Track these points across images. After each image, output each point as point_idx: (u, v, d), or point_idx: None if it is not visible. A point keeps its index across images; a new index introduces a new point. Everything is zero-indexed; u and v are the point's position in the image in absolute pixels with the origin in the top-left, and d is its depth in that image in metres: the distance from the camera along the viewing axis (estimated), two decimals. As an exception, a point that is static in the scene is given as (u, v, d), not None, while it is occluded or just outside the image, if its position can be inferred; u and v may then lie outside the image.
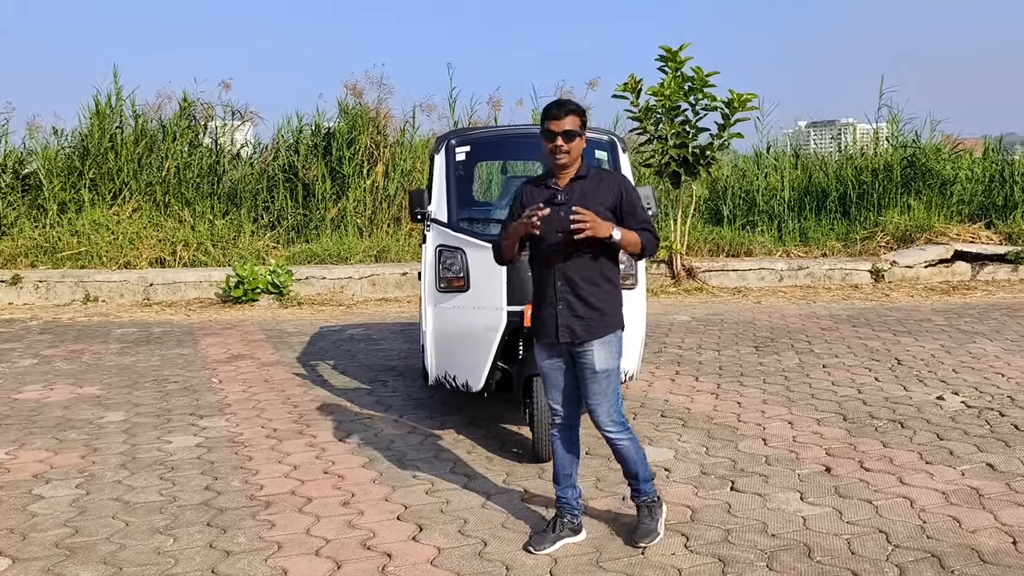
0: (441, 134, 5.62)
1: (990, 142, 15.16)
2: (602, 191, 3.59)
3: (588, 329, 3.54)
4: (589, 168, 3.67)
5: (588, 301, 3.54)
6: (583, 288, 3.54)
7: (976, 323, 8.74)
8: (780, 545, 3.63)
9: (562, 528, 3.67)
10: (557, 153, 3.55)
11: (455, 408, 5.77)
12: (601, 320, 3.55)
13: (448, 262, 4.97)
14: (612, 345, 3.58)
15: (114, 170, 12.43)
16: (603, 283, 3.58)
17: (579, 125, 3.56)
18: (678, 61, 10.66)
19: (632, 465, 3.69)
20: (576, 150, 3.57)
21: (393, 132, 13.76)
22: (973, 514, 3.92)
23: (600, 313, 3.55)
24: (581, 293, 3.54)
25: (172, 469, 4.66)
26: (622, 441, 3.65)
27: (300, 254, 11.98)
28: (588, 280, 3.55)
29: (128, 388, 6.49)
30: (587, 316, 3.54)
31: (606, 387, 3.58)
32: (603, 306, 3.56)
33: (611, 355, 3.57)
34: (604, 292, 3.58)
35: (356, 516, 3.99)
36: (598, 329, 3.55)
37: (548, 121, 3.55)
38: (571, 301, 3.54)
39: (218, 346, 8.07)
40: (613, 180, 3.66)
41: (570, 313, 3.54)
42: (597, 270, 3.56)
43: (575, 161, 3.61)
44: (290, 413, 5.75)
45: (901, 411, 5.63)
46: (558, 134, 3.52)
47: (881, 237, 12.51)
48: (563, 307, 3.55)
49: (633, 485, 3.75)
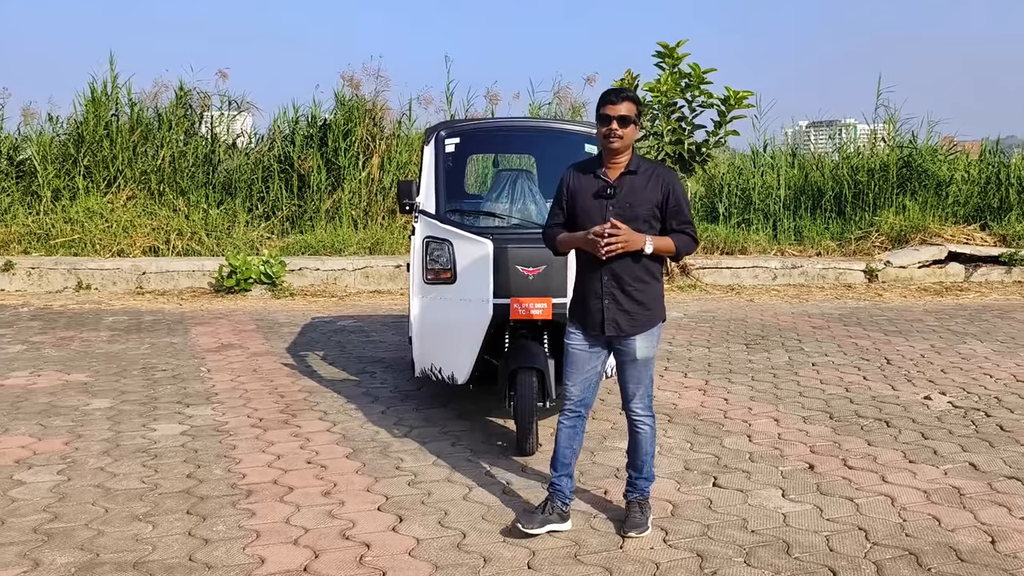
0: (431, 126, 5.60)
1: (987, 144, 15.15)
2: (650, 189, 3.63)
3: (633, 323, 3.64)
4: (640, 161, 3.70)
5: (634, 296, 3.62)
6: (629, 284, 3.62)
7: (967, 324, 8.75)
8: (759, 541, 3.63)
9: (551, 512, 3.71)
10: (611, 137, 3.59)
11: (442, 401, 5.77)
12: (645, 314, 3.65)
13: (435, 254, 4.96)
14: (653, 336, 3.69)
15: (109, 158, 12.39)
16: (648, 278, 3.66)
17: (635, 113, 3.62)
18: (675, 57, 10.64)
19: (642, 455, 3.78)
20: (629, 137, 3.62)
21: (390, 124, 13.72)
22: (953, 513, 3.92)
23: (644, 308, 3.64)
24: (627, 289, 3.62)
25: (155, 457, 4.65)
26: (645, 426, 3.75)
27: (294, 245, 11.97)
28: (634, 276, 3.62)
29: (116, 376, 6.48)
30: (632, 311, 3.63)
31: (644, 373, 3.71)
32: (647, 300, 3.65)
33: (651, 345, 3.69)
34: (648, 287, 3.66)
35: (337, 506, 3.98)
36: (643, 323, 3.65)
37: (604, 106, 3.61)
38: (617, 296, 3.62)
39: (208, 335, 8.06)
40: (662, 178, 3.67)
41: (616, 308, 3.63)
42: (642, 266, 3.63)
43: (627, 148, 3.65)
44: (276, 403, 5.75)
45: (888, 410, 5.63)
46: (614, 118, 3.57)
47: (876, 237, 12.50)
48: (609, 302, 3.63)
49: (632, 478, 3.82)
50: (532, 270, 4.74)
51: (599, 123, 3.64)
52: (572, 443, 3.79)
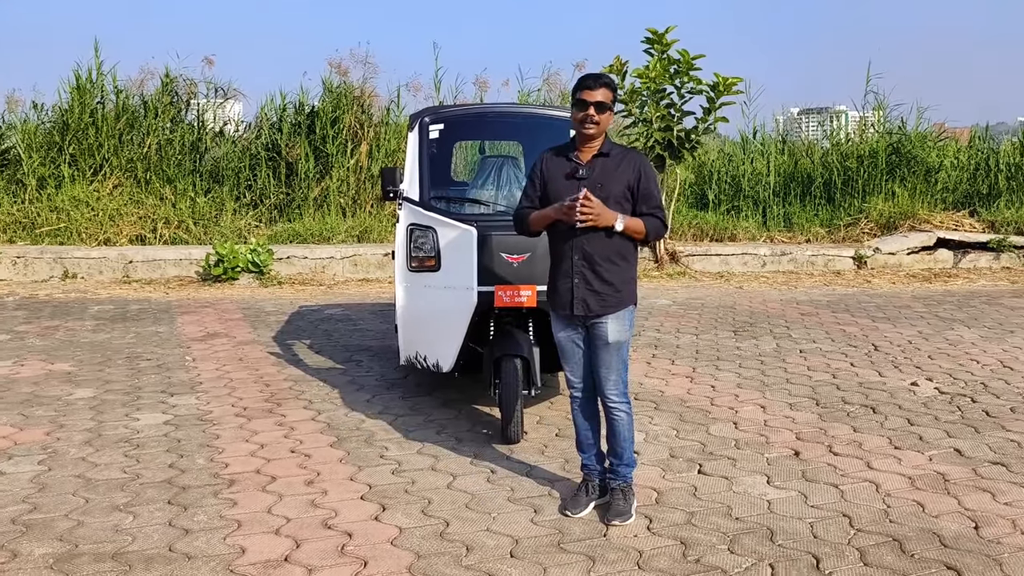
0: (415, 112, 5.55)
1: (976, 131, 15.16)
2: (622, 171, 3.65)
3: (603, 304, 3.64)
4: (612, 145, 3.73)
5: (604, 277, 3.63)
6: (600, 264, 3.62)
7: (955, 310, 8.76)
8: (743, 528, 3.63)
9: (592, 491, 3.81)
10: (587, 123, 3.61)
11: (427, 389, 5.74)
12: (615, 295, 3.65)
13: (419, 241, 4.92)
14: (624, 319, 3.68)
15: (95, 146, 12.28)
16: (619, 260, 3.66)
17: (611, 99, 3.64)
18: (664, 44, 10.58)
19: (621, 442, 3.77)
20: (605, 123, 3.65)
21: (378, 112, 13.63)
22: (937, 499, 3.92)
23: (614, 288, 3.64)
24: (597, 269, 3.62)
25: (137, 447, 4.61)
26: (620, 412, 3.74)
27: (282, 233, 11.90)
28: (604, 256, 3.63)
29: (100, 365, 6.43)
30: (602, 291, 3.63)
31: (615, 358, 3.69)
32: (617, 282, 3.65)
33: (623, 328, 3.68)
34: (619, 269, 3.66)
35: (319, 495, 3.96)
36: (612, 304, 3.65)
37: (581, 91, 3.62)
38: (587, 276, 3.63)
39: (195, 324, 8.01)
40: (634, 161, 3.69)
41: (586, 287, 3.64)
42: (613, 247, 3.63)
43: (602, 133, 3.68)
44: (261, 392, 5.71)
45: (874, 396, 5.63)
46: (591, 104, 3.59)
47: (865, 224, 12.51)
48: (579, 280, 3.64)
49: (613, 465, 3.81)
50: (517, 257, 4.71)
51: (575, 108, 3.66)
52: (590, 423, 3.85)
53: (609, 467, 3.85)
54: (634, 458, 3.87)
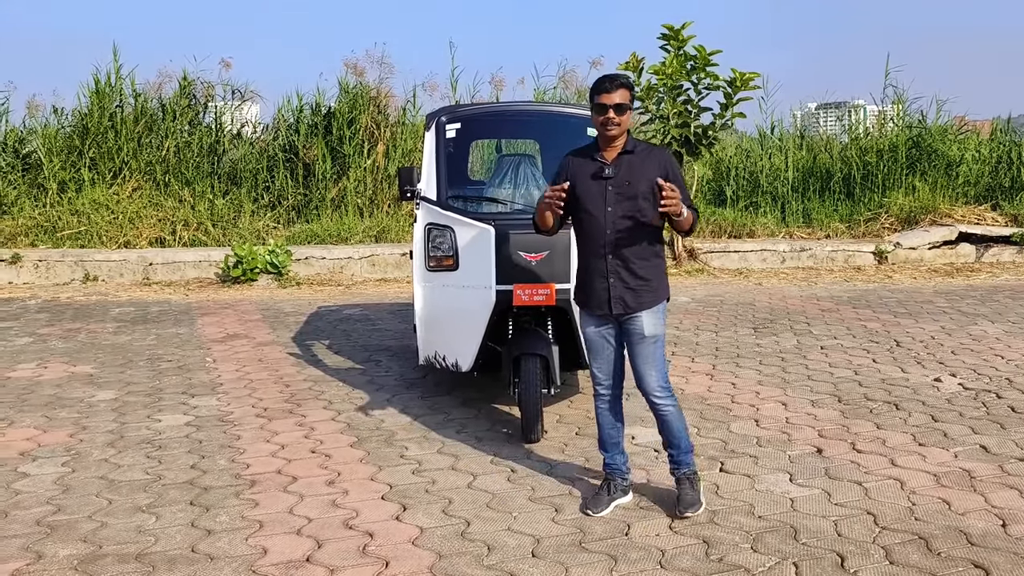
0: (432, 111, 5.54)
1: (998, 123, 14.98)
2: (648, 168, 3.66)
3: (638, 300, 3.67)
4: (636, 143, 3.75)
5: (638, 273, 3.66)
6: (633, 261, 3.66)
7: (978, 305, 8.66)
8: (766, 527, 3.59)
9: (614, 491, 3.81)
10: (608, 125, 3.64)
11: (447, 388, 5.74)
12: (650, 290, 3.68)
13: (437, 240, 4.91)
14: (659, 313, 3.71)
15: (114, 149, 12.38)
16: (650, 256, 3.70)
17: (629, 98, 3.66)
18: (680, 40, 10.53)
19: (675, 434, 3.78)
20: (625, 123, 3.67)
21: (394, 112, 13.67)
22: (964, 496, 3.87)
23: (649, 284, 3.68)
24: (632, 266, 3.66)
25: (159, 448, 4.64)
26: (667, 407, 3.74)
27: (300, 234, 11.95)
28: (637, 254, 3.67)
29: (121, 367, 6.48)
30: (638, 288, 3.67)
31: (654, 352, 3.71)
32: (651, 276, 3.69)
33: (658, 322, 3.70)
34: (651, 264, 3.70)
35: (341, 495, 3.96)
36: (648, 299, 3.68)
37: (599, 95, 3.65)
38: (622, 274, 3.67)
39: (214, 326, 8.05)
40: (659, 158, 3.71)
41: (622, 285, 3.67)
42: (644, 243, 3.67)
43: (623, 133, 3.70)
44: (281, 392, 5.73)
45: (897, 393, 5.57)
46: (610, 107, 3.61)
47: (885, 219, 12.41)
48: (615, 280, 3.67)
49: (673, 456, 3.82)
50: (535, 256, 4.69)
51: (595, 111, 3.67)
52: (615, 422, 3.87)
53: (669, 458, 3.84)
54: (691, 443, 3.84)
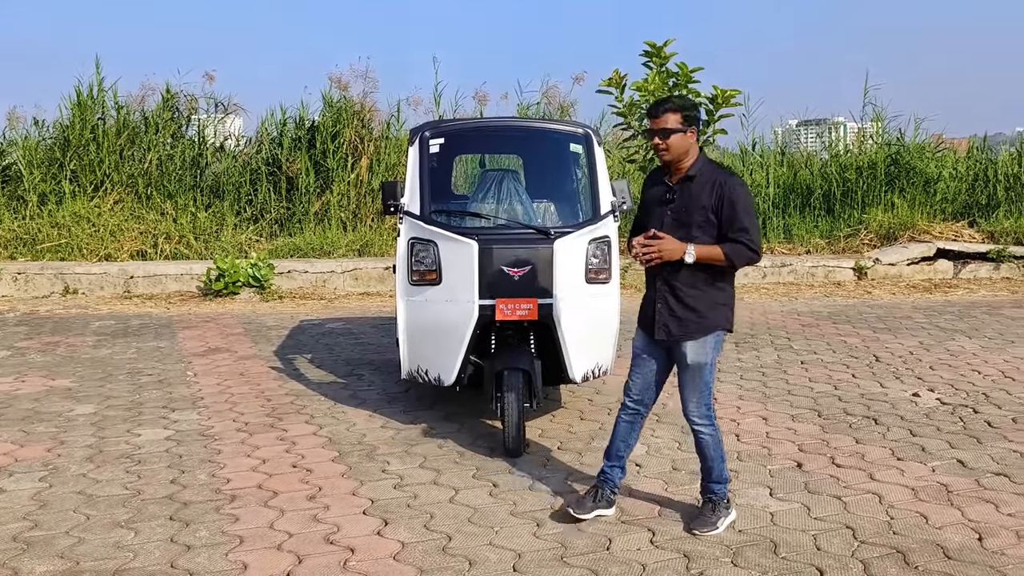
0: (416, 126, 5.57)
1: (975, 141, 15.20)
2: (704, 195, 3.61)
3: (683, 329, 3.65)
4: (704, 167, 3.67)
5: (685, 302, 3.64)
6: (681, 290, 3.64)
7: (956, 321, 8.76)
8: (746, 541, 3.62)
9: (600, 499, 3.84)
10: (658, 150, 3.66)
11: (429, 403, 5.74)
12: (697, 321, 3.64)
13: (420, 255, 4.93)
14: (707, 343, 3.66)
15: (95, 162, 12.31)
16: (704, 286, 3.64)
17: (679, 121, 3.61)
18: (663, 57, 10.60)
19: (708, 460, 3.78)
20: (676, 146, 3.62)
21: (378, 126, 13.66)
22: (941, 510, 3.91)
23: (697, 314, 3.64)
24: (679, 294, 3.64)
25: (139, 462, 4.61)
26: (704, 434, 3.75)
27: (283, 248, 11.91)
28: (688, 282, 3.63)
29: (101, 381, 6.43)
30: (684, 317, 3.65)
31: (697, 379, 3.69)
32: (700, 307, 3.64)
33: (704, 352, 3.66)
34: (703, 294, 3.64)
35: (322, 510, 3.95)
36: (693, 330, 3.65)
37: (649, 120, 3.70)
38: (669, 301, 3.66)
39: (196, 339, 8.01)
40: (717, 184, 3.61)
41: (668, 312, 3.67)
42: (696, 273, 3.61)
43: (679, 157, 3.65)
44: (263, 407, 5.71)
45: (876, 408, 5.62)
46: (656, 132, 3.64)
47: (865, 235, 12.53)
48: (662, 306, 3.68)
49: (703, 480, 3.84)
50: (518, 271, 4.72)
51: (645, 136, 3.69)
52: (628, 438, 3.89)
53: (701, 484, 3.84)
54: (726, 474, 3.81)
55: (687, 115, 3.63)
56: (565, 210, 5.65)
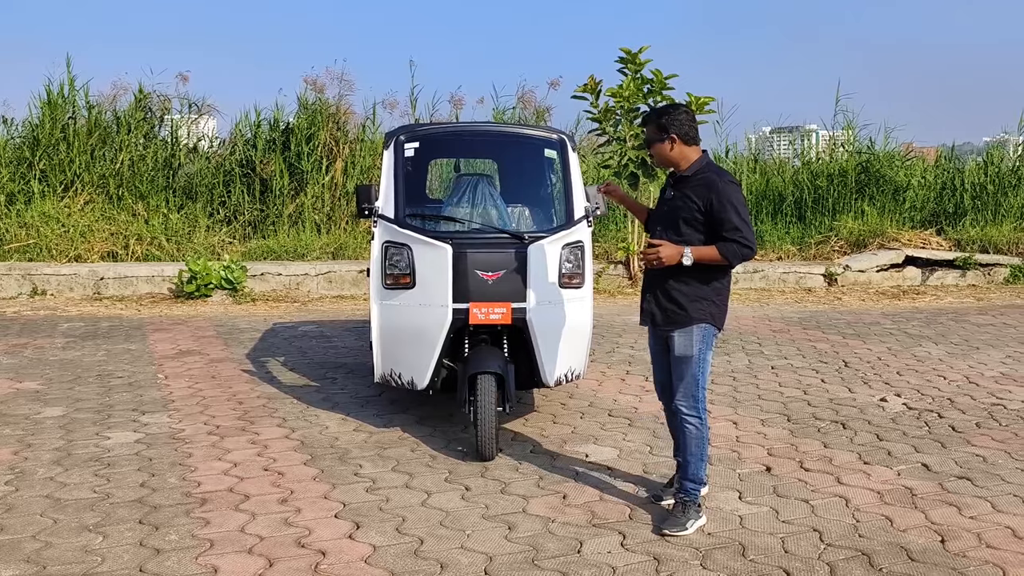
0: (391, 130, 5.58)
1: (943, 151, 15.47)
2: (694, 195, 3.81)
3: (667, 319, 3.88)
4: (699, 168, 3.87)
5: (671, 295, 3.86)
6: (669, 282, 3.86)
7: (923, 327, 8.90)
8: (715, 544, 3.66)
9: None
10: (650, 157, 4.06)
11: (402, 406, 5.74)
12: (680, 313, 3.84)
13: (394, 258, 4.93)
14: (691, 336, 3.84)
15: (66, 161, 12.17)
16: (689, 280, 3.83)
17: (655, 131, 3.88)
18: (637, 63, 10.71)
19: (686, 454, 3.90)
20: (660, 153, 3.91)
21: (354, 128, 13.64)
22: (905, 513, 3.98)
23: (679, 306, 3.85)
24: (666, 287, 3.87)
25: (108, 466, 4.56)
26: (688, 424, 3.88)
27: (256, 250, 11.84)
28: (674, 276, 3.84)
29: (70, 383, 6.36)
30: (668, 308, 3.87)
31: (684, 370, 3.87)
32: (683, 300, 3.84)
33: (690, 344, 3.84)
34: (689, 288, 3.83)
35: (293, 514, 3.94)
36: (677, 320, 3.85)
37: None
38: (657, 292, 3.91)
39: (167, 342, 7.94)
40: (708, 186, 3.80)
41: (654, 302, 3.92)
42: (682, 269, 3.80)
43: (668, 163, 3.95)
44: (235, 410, 5.67)
45: (844, 412, 5.71)
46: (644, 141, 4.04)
47: (835, 241, 12.69)
48: (649, 295, 3.96)
49: (679, 476, 3.93)
50: (491, 275, 4.74)
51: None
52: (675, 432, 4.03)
53: (676, 482, 3.95)
54: (702, 475, 3.90)
55: (659, 124, 3.86)
56: (539, 215, 5.68)
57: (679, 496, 3.87)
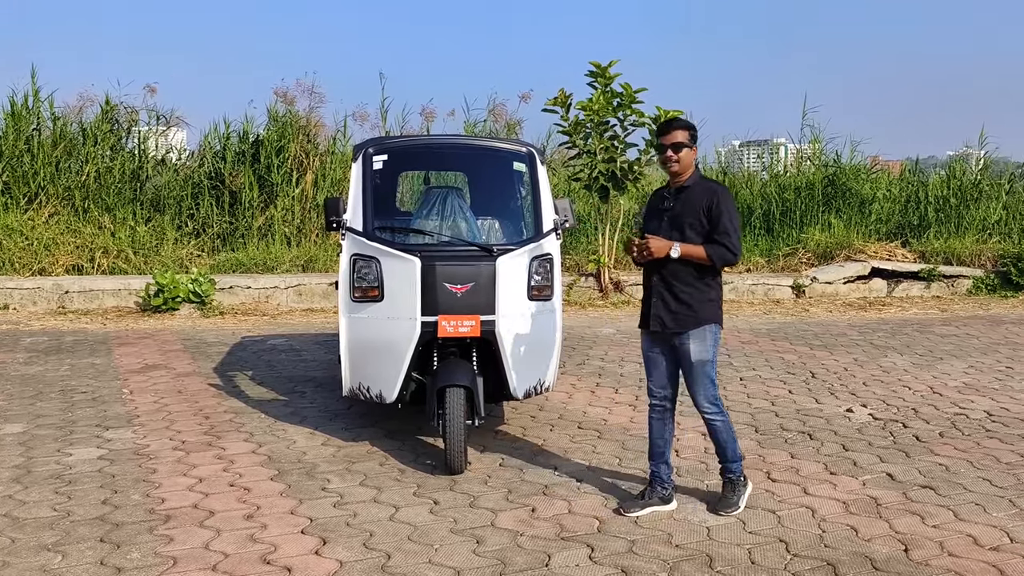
0: (359, 143, 5.56)
1: (907, 164, 15.74)
2: (697, 201, 4.02)
3: (677, 321, 4.04)
4: (699, 179, 4.11)
5: (679, 297, 4.02)
6: (675, 285, 4.03)
7: (889, 338, 9.02)
8: (683, 555, 3.67)
9: (651, 497, 4.16)
10: (668, 163, 4.06)
11: (371, 420, 5.70)
12: (690, 314, 4.03)
13: (363, 271, 4.91)
14: (705, 337, 4.04)
15: (30, 173, 12.00)
16: (695, 282, 4.03)
17: (687, 138, 4.05)
18: (607, 77, 10.79)
19: (722, 444, 4.15)
20: (685, 160, 4.06)
21: (324, 141, 13.60)
22: (870, 523, 4.02)
23: (689, 308, 4.02)
24: (674, 290, 4.03)
25: (69, 483, 4.48)
26: (715, 421, 4.12)
27: (225, 263, 11.73)
28: (681, 279, 4.02)
29: (32, 399, 6.24)
30: (677, 310, 4.03)
31: (701, 373, 4.06)
32: (692, 302, 4.02)
33: (704, 347, 4.04)
34: (696, 290, 4.03)
35: (259, 530, 3.89)
36: (687, 322, 4.03)
37: (660, 136, 4.09)
38: (665, 296, 4.06)
39: (133, 356, 7.83)
40: (708, 192, 4.05)
41: (663, 306, 4.06)
42: (688, 271, 4.01)
43: (686, 170, 4.08)
44: (201, 424, 5.60)
45: (811, 423, 5.76)
46: (668, 147, 4.05)
47: (803, 253, 12.84)
48: (657, 299, 4.08)
49: (721, 462, 4.20)
50: (460, 287, 4.73)
51: (657, 151, 4.11)
52: (663, 434, 4.23)
53: (720, 465, 4.20)
54: (740, 452, 4.19)
55: (692, 133, 4.09)
56: (508, 228, 5.69)
57: (727, 476, 4.15)
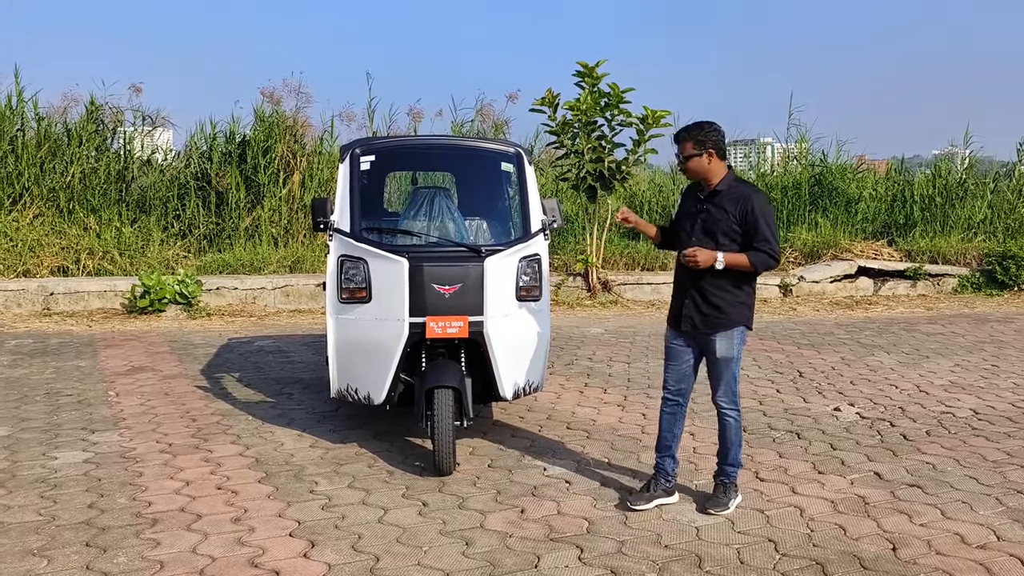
0: (346, 143, 5.54)
1: (893, 163, 15.83)
2: (729, 207, 4.07)
3: (707, 323, 4.11)
4: (732, 181, 4.13)
5: (711, 300, 4.09)
6: (707, 288, 4.10)
7: (875, 337, 9.06)
8: (672, 556, 3.67)
9: (656, 489, 4.23)
10: (682, 171, 4.24)
11: (359, 422, 5.68)
12: (720, 316, 4.09)
13: (350, 272, 4.89)
14: (733, 339, 4.11)
15: (14, 174, 11.88)
16: (728, 287, 4.09)
17: (693, 147, 4.08)
18: (595, 77, 10.79)
19: (727, 443, 4.22)
20: (695, 167, 4.12)
21: (311, 141, 13.53)
22: (858, 522, 4.04)
23: (719, 311, 4.09)
24: (705, 293, 4.10)
25: (55, 487, 4.44)
26: (729, 416, 4.19)
27: (212, 264, 11.66)
28: (712, 283, 4.08)
29: (16, 402, 6.19)
30: (708, 313, 4.10)
31: (725, 370, 4.15)
32: (723, 305, 4.09)
33: (731, 346, 4.12)
34: (728, 293, 4.09)
35: (247, 533, 3.87)
36: (717, 324, 4.10)
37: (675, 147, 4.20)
38: (696, 298, 4.13)
39: (119, 358, 7.78)
40: (742, 198, 4.08)
41: (694, 307, 4.13)
42: (721, 275, 4.06)
43: (701, 176, 4.14)
44: (188, 427, 5.57)
45: (799, 422, 5.78)
46: (678, 157, 4.19)
47: (790, 253, 12.88)
48: (689, 301, 4.15)
49: (719, 464, 4.25)
50: (448, 288, 4.72)
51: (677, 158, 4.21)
52: (672, 428, 4.30)
53: (717, 466, 4.25)
54: (740, 460, 4.25)
55: (698, 140, 4.08)
56: (496, 228, 5.68)
57: (720, 479, 4.21)
